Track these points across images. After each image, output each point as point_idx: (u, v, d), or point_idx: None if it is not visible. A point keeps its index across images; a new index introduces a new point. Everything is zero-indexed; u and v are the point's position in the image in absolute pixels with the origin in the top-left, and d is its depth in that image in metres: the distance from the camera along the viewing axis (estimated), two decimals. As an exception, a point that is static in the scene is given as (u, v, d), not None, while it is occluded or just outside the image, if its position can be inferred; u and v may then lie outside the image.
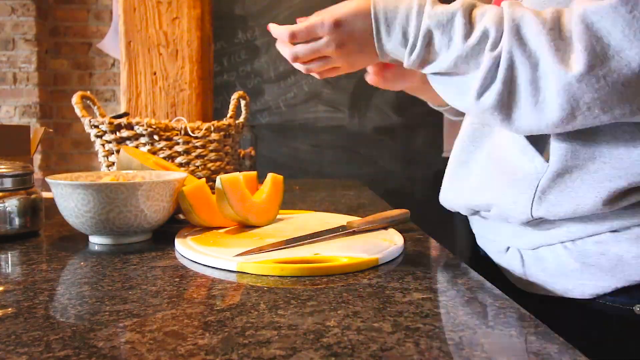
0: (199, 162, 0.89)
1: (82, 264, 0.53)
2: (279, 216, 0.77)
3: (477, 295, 0.43)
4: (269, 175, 0.74)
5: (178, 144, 0.87)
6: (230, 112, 0.94)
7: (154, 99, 1.33)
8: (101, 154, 0.89)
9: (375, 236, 0.63)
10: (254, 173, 0.77)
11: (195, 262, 0.54)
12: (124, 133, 0.86)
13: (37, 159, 2.73)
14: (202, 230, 0.66)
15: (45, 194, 0.94)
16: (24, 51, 2.71)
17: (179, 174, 0.69)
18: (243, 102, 0.97)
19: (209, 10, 1.41)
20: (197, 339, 0.34)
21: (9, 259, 0.56)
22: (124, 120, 0.86)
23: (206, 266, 0.52)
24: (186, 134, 0.87)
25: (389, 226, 0.68)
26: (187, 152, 0.88)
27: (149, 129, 0.85)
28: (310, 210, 0.84)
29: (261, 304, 0.41)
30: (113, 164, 0.88)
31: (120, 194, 0.58)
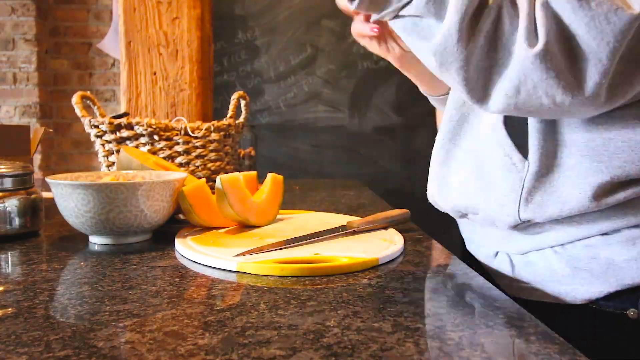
0: (199, 162, 0.89)
1: (82, 264, 0.53)
2: (279, 216, 0.77)
3: (477, 295, 0.43)
4: (269, 175, 0.74)
5: (178, 144, 0.87)
6: (230, 112, 0.94)
7: (154, 99, 1.33)
8: (101, 154, 0.89)
9: (375, 236, 0.63)
10: (254, 173, 0.77)
11: (195, 262, 0.54)
12: (124, 133, 0.86)
13: (37, 159, 2.73)
14: (202, 230, 0.66)
15: (45, 194, 0.94)
16: (24, 51, 2.71)
17: (179, 174, 0.69)
18: (243, 102, 0.97)
19: (209, 10, 1.41)
20: (197, 339, 0.34)
21: (9, 259, 0.56)
22: (124, 120, 0.86)
23: (206, 266, 0.52)
24: (186, 134, 0.87)
25: (389, 226, 0.68)
26: (187, 152, 0.88)
27: (149, 129, 0.85)
28: (310, 210, 0.84)
29: (261, 304, 0.41)
30: (113, 164, 0.88)
31: (120, 194, 0.58)
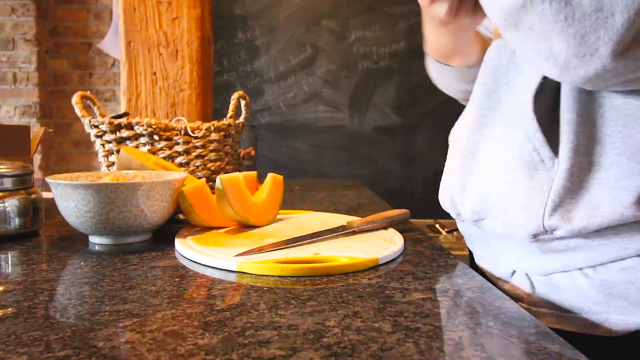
0: (199, 162, 0.89)
1: (82, 264, 0.53)
2: (279, 216, 0.77)
3: (477, 295, 0.43)
4: (269, 175, 0.74)
5: (178, 144, 0.87)
6: (230, 112, 0.94)
7: (154, 99, 1.33)
8: (101, 154, 0.89)
9: (375, 236, 0.63)
10: (254, 173, 0.77)
11: (195, 262, 0.54)
12: (124, 133, 0.86)
13: (37, 159, 2.73)
14: (202, 230, 0.66)
15: (45, 194, 0.94)
16: (24, 51, 2.71)
17: (179, 174, 0.69)
18: (243, 102, 0.97)
19: (209, 10, 1.41)
20: (197, 339, 0.34)
21: (9, 259, 0.56)
22: (124, 120, 0.86)
23: (206, 266, 0.52)
24: (186, 134, 0.87)
25: (389, 226, 0.68)
26: (187, 152, 0.88)
27: (149, 129, 0.85)
28: (310, 210, 0.84)
29: (261, 304, 0.41)
30: (113, 164, 0.88)
31: (120, 194, 0.58)
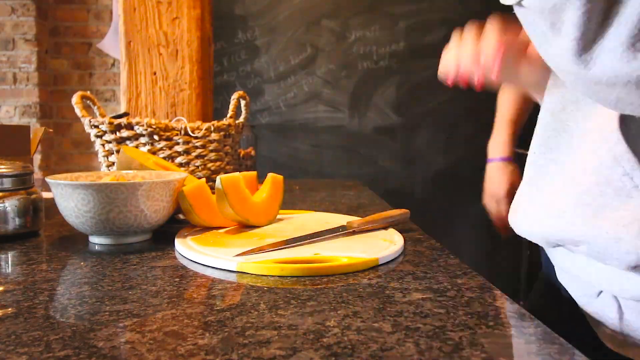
0: (199, 162, 0.89)
1: (82, 264, 0.53)
2: (279, 216, 0.77)
3: (477, 295, 0.43)
4: (269, 176, 0.74)
5: (178, 144, 0.87)
6: (230, 112, 0.94)
7: (154, 99, 1.33)
8: (101, 154, 0.89)
9: (375, 236, 0.63)
10: (254, 173, 0.77)
11: (195, 262, 0.54)
12: (124, 133, 0.86)
13: (37, 159, 2.73)
14: (202, 230, 0.66)
15: (45, 194, 0.94)
16: (24, 51, 2.70)
17: (179, 174, 0.69)
18: (243, 102, 0.97)
19: (209, 10, 1.41)
20: (197, 339, 0.34)
21: (9, 259, 0.56)
22: (124, 120, 0.86)
23: (206, 266, 0.52)
24: (186, 134, 0.87)
25: (389, 226, 0.68)
26: (187, 152, 0.88)
27: (149, 129, 0.85)
28: (310, 210, 0.84)
29: (261, 304, 0.41)
30: (113, 164, 0.88)
31: (120, 194, 0.58)
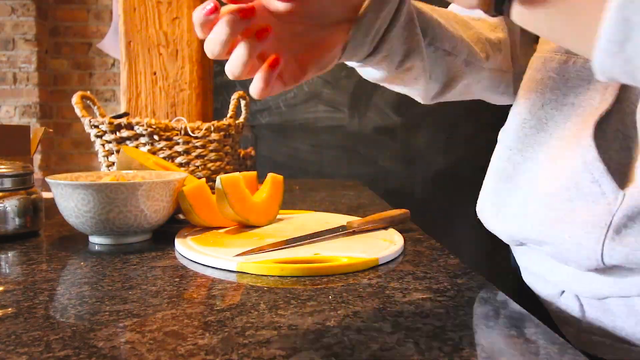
0: (199, 162, 0.89)
1: (82, 264, 0.53)
2: (279, 216, 0.77)
3: (477, 295, 0.43)
4: (269, 175, 0.74)
5: (178, 144, 0.87)
6: (230, 112, 0.94)
7: (154, 99, 1.33)
8: (101, 154, 0.89)
9: (375, 236, 0.63)
10: (254, 173, 0.77)
11: (195, 262, 0.54)
12: (124, 133, 0.86)
13: (37, 159, 2.73)
14: (202, 230, 0.66)
15: (45, 194, 0.94)
16: (24, 51, 2.71)
17: (179, 174, 0.69)
18: (243, 102, 0.97)
19: (209, 10, 1.40)
20: (197, 339, 0.34)
21: (9, 259, 0.56)
22: (124, 120, 0.86)
23: (206, 266, 0.52)
24: (186, 134, 0.87)
25: (389, 226, 0.68)
26: (187, 152, 0.88)
27: (149, 129, 0.85)
28: (310, 210, 0.84)
29: (261, 304, 0.41)
30: (113, 164, 0.88)
31: (120, 194, 0.58)
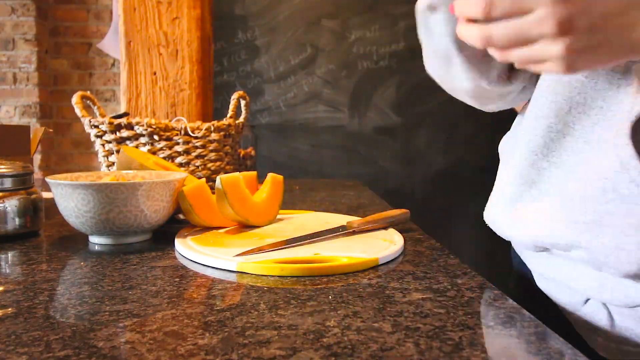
0: (199, 162, 0.89)
1: (82, 264, 0.53)
2: (279, 216, 0.77)
3: (477, 295, 0.43)
4: (269, 176, 0.74)
5: (178, 144, 0.87)
6: (230, 112, 0.94)
7: (154, 99, 1.33)
8: (101, 154, 0.89)
9: (375, 236, 0.63)
10: (254, 173, 0.77)
11: (195, 262, 0.54)
12: (124, 133, 0.86)
13: (37, 159, 2.73)
14: (202, 230, 0.66)
15: (45, 194, 0.94)
16: (24, 51, 2.70)
17: (179, 174, 0.69)
18: (243, 102, 0.97)
19: (209, 10, 1.41)
20: (197, 339, 0.34)
21: (9, 259, 0.56)
22: (124, 120, 0.86)
23: (206, 266, 0.52)
24: (186, 134, 0.87)
25: (389, 226, 0.68)
26: (187, 152, 0.88)
27: (149, 129, 0.85)
28: (310, 210, 0.84)
29: (261, 304, 0.41)
30: (113, 164, 0.88)
31: (120, 194, 0.58)
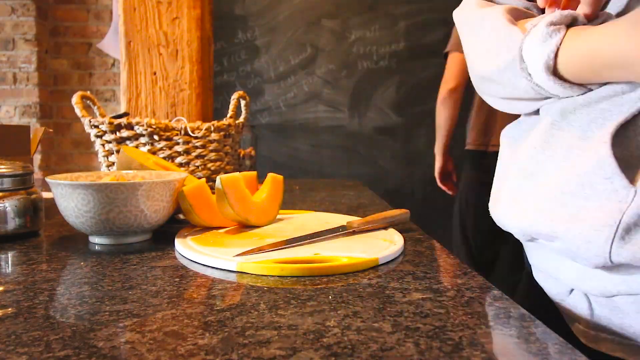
0: (199, 162, 0.89)
1: (82, 264, 0.53)
2: (279, 216, 0.77)
3: (477, 295, 0.43)
4: (269, 176, 0.74)
5: (178, 144, 0.87)
6: (230, 112, 0.94)
7: (154, 99, 1.33)
8: (101, 154, 0.89)
9: (375, 236, 0.63)
10: (254, 173, 0.77)
11: (195, 262, 0.54)
12: (124, 133, 0.86)
13: (37, 159, 2.73)
14: (202, 230, 0.66)
15: (45, 194, 0.94)
16: (24, 51, 2.71)
17: (179, 174, 0.69)
18: (243, 102, 0.97)
19: (209, 10, 1.41)
20: (197, 339, 0.34)
21: (9, 259, 0.56)
22: (124, 120, 0.86)
23: (206, 266, 0.52)
24: (186, 134, 0.87)
25: (389, 226, 0.68)
26: (187, 152, 0.88)
27: (149, 129, 0.85)
28: (310, 210, 0.84)
29: (261, 304, 0.41)
30: (113, 164, 0.88)
31: (120, 194, 0.58)
